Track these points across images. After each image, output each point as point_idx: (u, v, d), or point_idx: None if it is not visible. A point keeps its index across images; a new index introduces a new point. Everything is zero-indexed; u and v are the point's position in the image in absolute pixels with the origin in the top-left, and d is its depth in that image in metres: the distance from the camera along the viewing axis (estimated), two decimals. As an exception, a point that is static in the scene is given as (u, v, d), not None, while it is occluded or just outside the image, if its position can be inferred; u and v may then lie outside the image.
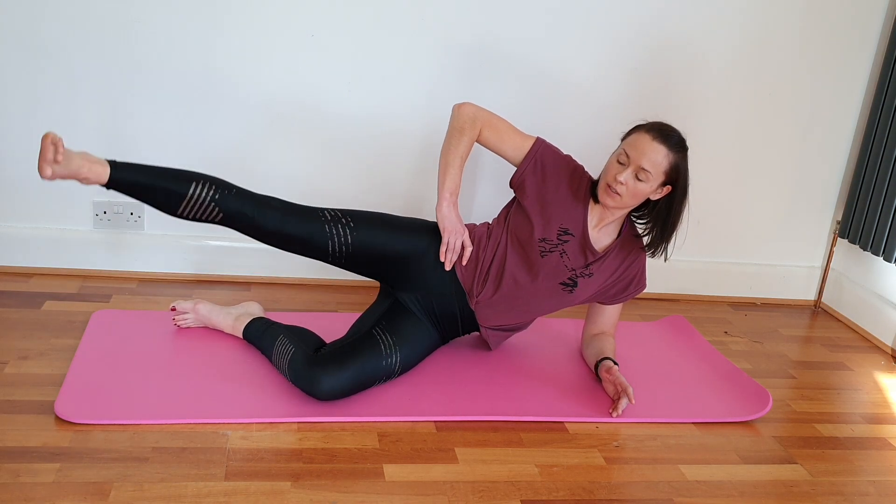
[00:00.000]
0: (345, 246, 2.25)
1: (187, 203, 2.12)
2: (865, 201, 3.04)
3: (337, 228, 2.25)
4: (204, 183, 2.14)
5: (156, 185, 2.11)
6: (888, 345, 2.96)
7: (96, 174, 2.04)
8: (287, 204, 2.25)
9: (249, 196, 2.20)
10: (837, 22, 3.00)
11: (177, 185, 2.11)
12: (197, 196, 2.12)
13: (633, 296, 2.43)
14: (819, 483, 2.07)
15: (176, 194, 2.11)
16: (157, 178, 2.12)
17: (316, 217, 2.25)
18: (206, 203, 2.13)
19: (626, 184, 2.16)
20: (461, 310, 2.34)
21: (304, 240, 2.24)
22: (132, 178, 2.09)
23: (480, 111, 2.29)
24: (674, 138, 2.19)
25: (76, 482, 1.75)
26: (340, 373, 2.09)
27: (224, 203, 2.15)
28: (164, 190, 2.11)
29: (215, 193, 2.14)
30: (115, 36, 2.63)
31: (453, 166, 2.25)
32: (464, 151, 2.26)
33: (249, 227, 2.21)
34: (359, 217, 2.30)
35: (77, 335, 2.38)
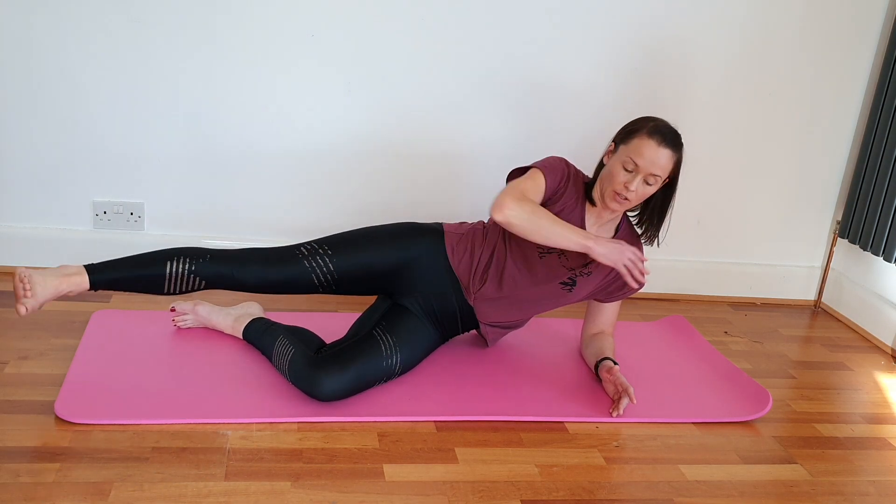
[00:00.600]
0: (329, 275, 2.26)
1: (169, 282, 2.17)
2: (865, 201, 3.04)
3: (316, 261, 2.25)
4: (178, 259, 2.17)
5: (135, 276, 2.16)
6: (888, 345, 2.96)
7: (77, 285, 2.10)
8: (263, 253, 2.26)
9: (225, 257, 2.22)
10: (837, 22, 3.00)
11: (154, 270, 2.16)
12: (175, 273, 2.17)
13: (631, 293, 2.43)
14: (819, 483, 2.07)
15: (156, 278, 2.17)
16: (134, 269, 2.17)
17: (293, 257, 2.25)
18: (186, 276, 2.18)
19: (637, 191, 2.17)
20: (460, 307, 2.34)
21: (288, 283, 2.26)
22: (112, 277, 2.15)
23: (509, 195, 2.17)
24: (675, 139, 2.20)
25: (76, 482, 1.75)
26: (341, 374, 2.10)
27: (202, 271, 2.19)
28: (143, 279, 2.17)
29: (191, 265, 2.18)
30: (115, 36, 2.63)
31: (564, 228, 2.16)
32: (550, 216, 2.17)
33: (234, 285, 2.24)
34: (337, 242, 2.29)
35: (77, 335, 2.38)
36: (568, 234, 2.16)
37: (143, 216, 2.83)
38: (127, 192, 2.81)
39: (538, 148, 2.92)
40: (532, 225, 2.15)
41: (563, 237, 2.16)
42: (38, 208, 2.77)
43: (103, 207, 2.81)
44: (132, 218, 2.83)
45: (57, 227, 2.80)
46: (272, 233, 2.87)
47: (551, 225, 2.15)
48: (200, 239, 2.87)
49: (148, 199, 2.82)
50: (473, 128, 2.91)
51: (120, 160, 2.76)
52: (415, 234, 2.34)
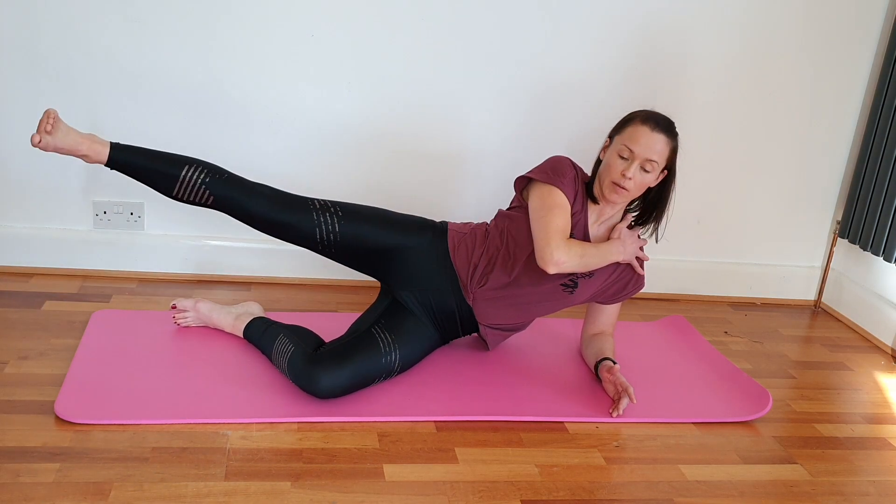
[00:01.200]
0: (332, 234, 2.27)
1: (180, 185, 2.21)
2: (865, 201, 3.04)
3: (325, 217, 2.27)
4: (196, 167, 2.22)
5: (152, 167, 2.22)
6: (888, 345, 2.96)
7: (96, 152, 2.17)
8: (277, 191, 2.29)
9: (240, 182, 2.26)
10: (837, 22, 3.00)
11: (171, 169, 2.21)
12: (189, 179, 2.20)
13: (631, 294, 2.43)
14: (819, 483, 2.07)
15: (170, 176, 2.21)
16: (154, 161, 2.23)
17: (305, 205, 2.28)
18: (197, 186, 2.21)
19: (634, 178, 2.17)
20: (459, 306, 2.33)
21: (291, 226, 2.27)
22: (130, 160, 2.21)
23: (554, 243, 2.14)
24: (669, 124, 2.22)
25: (76, 482, 1.75)
26: (339, 371, 2.10)
27: (214, 187, 2.22)
28: (159, 172, 2.22)
29: (206, 177, 2.21)
30: (115, 36, 2.63)
31: (599, 252, 2.24)
32: (593, 247, 2.24)
33: (239, 211, 2.26)
34: (349, 209, 2.32)
35: (77, 335, 2.38)
36: (607, 258, 2.26)
37: (143, 216, 2.83)
38: (127, 192, 2.81)
39: (538, 145, 2.92)
40: (583, 267, 2.23)
41: (605, 262, 2.26)
42: (38, 208, 2.77)
43: (103, 207, 2.81)
44: (132, 218, 2.83)
45: (57, 227, 2.80)
46: (272, 233, 2.87)
47: (597, 259, 2.24)
48: (200, 239, 2.87)
49: (148, 199, 2.82)
50: (473, 126, 2.91)
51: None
52: (421, 226, 2.36)
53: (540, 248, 2.16)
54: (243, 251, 2.90)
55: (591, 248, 2.23)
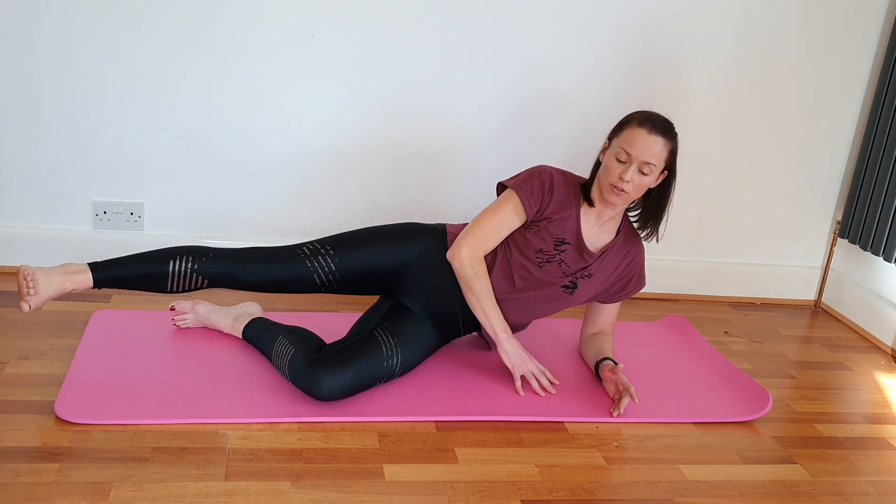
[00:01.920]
0: (331, 275, 2.27)
1: (172, 280, 2.19)
2: (865, 201, 3.04)
3: (318, 261, 2.26)
4: (180, 257, 2.19)
5: (138, 273, 2.18)
6: (888, 345, 2.96)
7: (80, 283, 2.13)
8: (265, 252, 2.27)
9: (227, 256, 2.24)
10: (837, 22, 3.00)
11: (157, 268, 2.18)
12: (178, 272, 2.18)
13: (632, 294, 2.43)
14: (819, 483, 2.07)
15: (159, 276, 2.18)
16: (137, 267, 2.18)
17: (295, 256, 2.26)
18: (189, 275, 2.19)
19: (632, 181, 2.17)
20: (461, 308, 2.33)
21: (290, 282, 2.27)
22: (115, 275, 2.17)
23: (468, 243, 2.23)
24: (667, 127, 2.21)
25: (76, 482, 1.75)
26: (341, 373, 2.09)
27: (205, 270, 2.20)
28: (147, 276, 2.18)
29: (194, 264, 2.19)
30: (113, 35, 2.63)
31: (491, 309, 2.27)
32: (488, 291, 2.26)
33: (236, 285, 2.26)
34: (339, 242, 2.30)
35: (77, 335, 2.38)
36: (489, 318, 2.27)
37: (143, 216, 2.83)
38: (127, 192, 2.81)
39: (536, 148, 2.93)
40: (466, 288, 2.26)
41: (484, 317, 2.27)
42: (38, 208, 2.77)
43: (103, 207, 2.81)
44: (132, 218, 2.83)
45: (57, 227, 2.80)
46: (272, 233, 2.87)
47: (479, 301, 2.26)
48: (200, 239, 2.87)
49: (148, 199, 2.83)
50: (473, 128, 2.91)
51: (120, 160, 2.76)
52: (417, 234, 2.35)
53: (458, 238, 2.26)
54: (243, 251, 2.90)
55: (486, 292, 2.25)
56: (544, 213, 2.25)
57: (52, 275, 2.08)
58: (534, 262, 2.27)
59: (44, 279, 2.07)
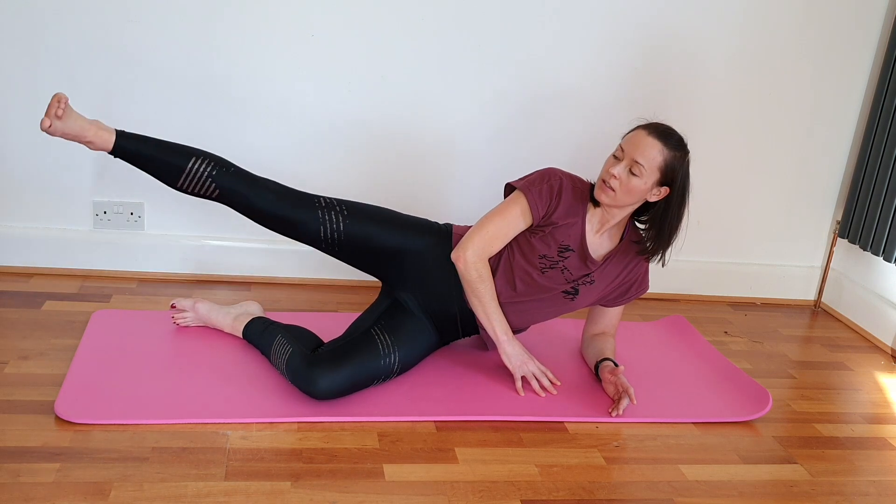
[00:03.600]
0: (336, 233, 2.27)
1: (186, 176, 2.19)
2: (865, 201, 3.04)
3: (330, 215, 2.26)
4: (203, 159, 2.20)
5: (158, 156, 2.19)
6: (888, 345, 2.96)
7: (102, 139, 2.14)
8: (283, 187, 2.29)
9: (246, 176, 2.25)
10: (837, 22, 3.00)
11: (177, 159, 2.19)
12: (195, 171, 2.18)
13: (634, 298, 2.42)
14: (819, 483, 2.07)
15: (175, 167, 2.19)
16: (159, 150, 2.20)
17: (310, 203, 2.27)
18: (204, 178, 2.19)
19: (620, 178, 2.15)
20: (460, 310, 2.33)
21: (296, 223, 2.27)
22: (136, 148, 2.18)
23: (474, 245, 2.22)
24: (672, 137, 2.18)
25: (76, 482, 1.75)
26: (337, 372, 2.09)
27: (220, 180, 2.21)
28: (165, 162, 2.19)
29: (213, 170, 2.20)
30: (115, 35, 2.63)
31: (494, 312, 2.26)
32: (492, 294, 2.26)
33: (244, 205, 2.26)
34: (355, 208, 2.31)
35: (77, 335, 2.38)
36: (492, 321, 2.26)
37: (143, 216, 2.83)
38: (127, 192, 2.81)
39: (539, 147, 2.93)
40: (469, 290, 2.25)
41: (486, 319, 2.27)
42: (38, 208, 2.77)
43: (103, 207, 2.81)
44: (132, 218, 2.83)
45: (57, 227, 2.80)
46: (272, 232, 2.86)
47: (482, 304, 2.25)
48: (200, 239, 2.87)
49: (148, 199, 2.83)
50: (474, 128, 2.91)
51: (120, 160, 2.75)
52: (426, 229, 2.36)
53: (463, 239, 2.24)
54: (243, 251, 2.90)
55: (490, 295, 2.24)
56: (551, 218, 2.24)
57: (80, 116, 2.11)
58: (536, 267, 2.27)
59: (72, 114, 2.09)
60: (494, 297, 2.26)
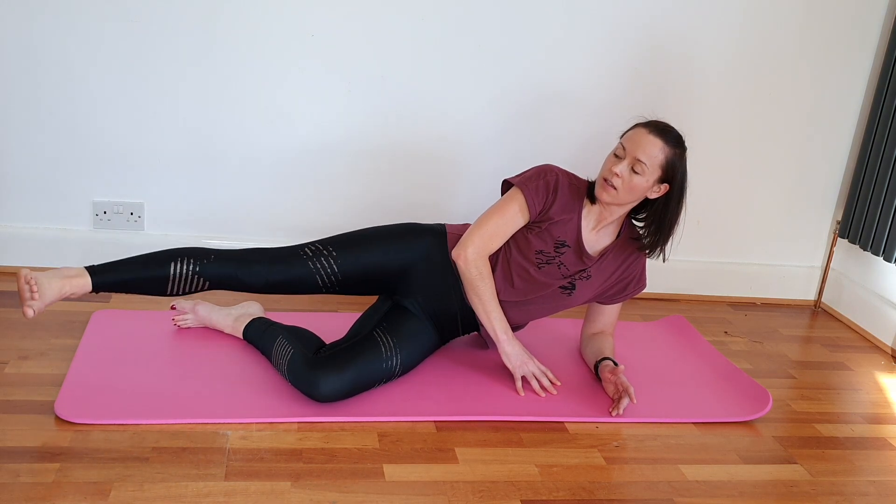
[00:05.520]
0: (333, 276, 2.27)
1: (172, 283, 2.18)
2: (865, 201, 3.04)
3: (320, 262, 2.26)
4: (182, 260, 2.18)
5: (138, 277, 2.16)
6: (888, 345, 2.96)
7: (80, 287, 2.11)
8: (268, 253, 2.27)
9: (229, 257, 2.23)
10: (837, 22, 3.00)
11: (158, 271, 2.16)
12: (179, 274, 2.17)
13: (632, 295, 2.42)
14: (819, 483, 2.07)
15: (160, 279, 2.17)
16: (137, 270, 2.16)
17: (297, 258, 2.26)
18: (190, 277, 2.18)
19: (622, 176, 2.16)
20: (460, 309, 2.33)
21: (293, 284, 2.27)
22: (114, 279, 2.15)
23: (474, 243, 2.23)
24: (671, 134, 2.19)
25: (76, 482, 1.75)
26: (340, 375, 2.09)
27: (206, 272, 2.19)
28: (147, 280, 2.17)
29: (195, 266, 2.18)
30: (114, 35, 2.63)
31: (494, 311, 2.27)
32: (492, 292, 2.26)
33: (238, 286, 2.25)
34: (341, 243, 2.30)
35: (77, 335, 2.38)
36: (492, 320, 2.26)
37: (143, 216, 2.83)
38: (127, 192, 2.81)
39: (537, 148, 2.93)
40: (470, 289, 2.25)
41: (486, 318, 2.27)
42: (38, 208, 2.77)
43: (103, 207, 2.81)
44: (132, 218, 2.83)
45: (57, 227, 2.80)
46: (272, 233, 2.87)
47: (482, 302, 2.25)
48: (200, 239, 2.87)
49: (148, 199, 2.83)
50: (474, 128, 2.91)
51: (120, 160, 2.76)
52: (417, 234, 2.34)
53: (463, 237, 2.24)
54: (243, 251, 2.90)
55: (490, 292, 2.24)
56: (547, 214, 2.25)
57: (52, 279, 2.07)
58: (533, 262, 2.27)
59: (45, 284, 2.05)
60: (494, 296, 2.26)
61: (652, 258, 2.34)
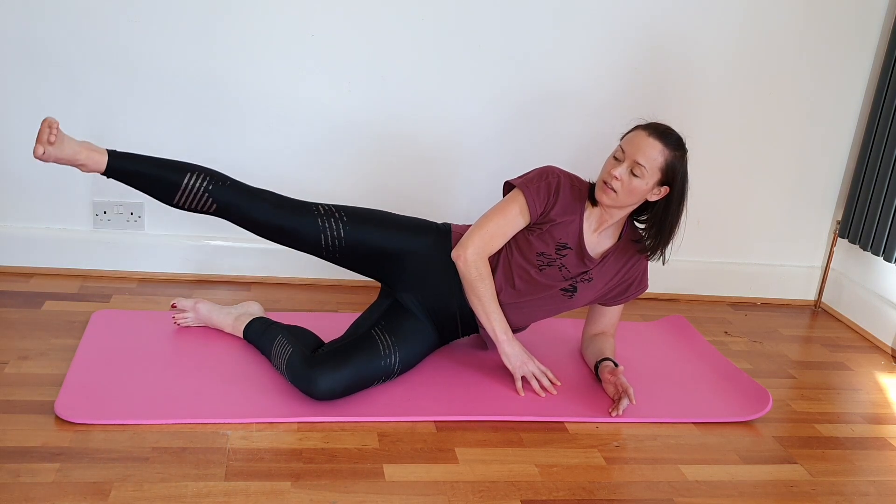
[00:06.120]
0: (337, 240, 2.26)
1: (182, 193, 2.17)
2: (865, 201, 3.04)
3: (330, 223, 2.26)
4: (199, 174, 2.18)
5: (152, 174, 2.17)
6: (888, 345, 2.96)
7: (94, 161, 2.11)
8: (281, 197, 2.28)
9: (243, 188, 2.23)
10: (837, 22, 3.00)
11: (172, 176, 2.17)
12: (191, 187, 2.16)
13: (634, 297, 2.42)
14: (819, 483, 2.07)
15: (171, 184, 2.16)
16: (154, 168, 2.17)
17: (309, 211, 2.26)
18: (200, 194, 2.17)
19: (622, 179, 2.16)
20: (460, 309, 2.33)
21: (296, 232, 2.26)
22: (129, 168, 2.15)
23: (474, 244, 2.23)
24: (671, 137, 2.18)
25: (76, 482, 1.75)
26: (338, 373, 2.09)
27: (217, 194, 2.19)
28: (160, 180, 2.17)
29: (209, 185, 2.18)
30: (114, 35, 2.63)
31: (494, 312, 2.26)
32: (492, 293, 2.26)
33: (243, 218, 2.24)
34: (354, 213, 2.31)
35: (77, 335, 2.38)
36: (491, 321, 2.26)
37: (143, 216, 2.83)
38: (127, 192, 2.78)
39: (537, 148, 2.92)
40: (470, 290, 2.25)
41: (486, 318, 2.26)
42: (38, 208, 2.77)
43: (103, 207, 2.81)
44: (132, 218, 2.83)
45: (57, 227, 2.80)
46: (272, 233, 2.87)
47: (482, 304, 2.25)
48: (200, 239, 2.87)
49: (148, 199, 2.81)
50: (474, 128, 2.91)
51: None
52: (426, 229, 2.36)
53: (463, 238, 2.24)
54: (243, 251, 2.90)
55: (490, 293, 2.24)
56: (549, 216, 2.25)
57: (71, 140, 2.08)
58: (534, 264, 2.27)
59: (64, 138, 2.06)
60: (494, 297, 2.26)
61: (652, 260, 2.34)
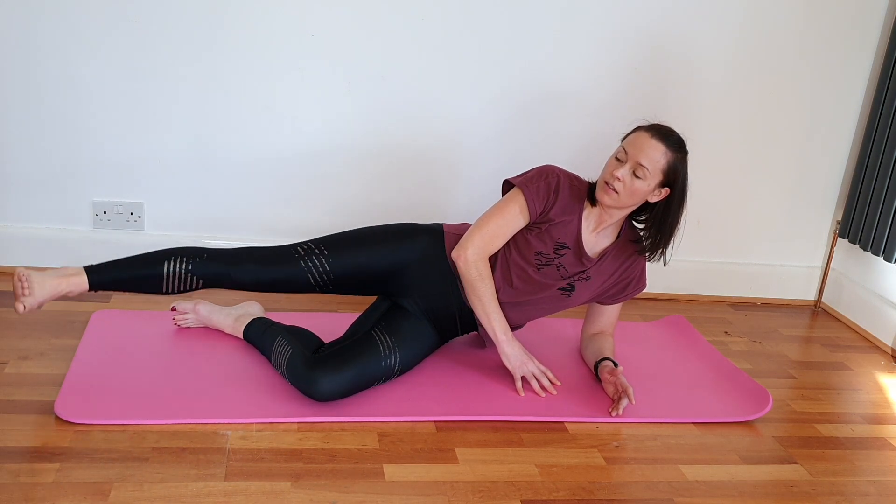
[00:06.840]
0: (325, 275, 2.27)
1: (167, 282, 2.19)
2: (865, 201, 3.04)
3: (312, 261, 2.26)
4: (175, 258, 2.19)
5: (133, 276, 2.18)
6: (888, 345, 2.96)
7: (76, 285, 2.13)
8: (260, 252, 2.28)
9: (221, 256, 2.24)
10: (837, 22, 3.00)
11: (151, 270, 2.18)
12: (173, 272, 2.18)
13: (632, 296, 2.42)
14: (819, 483, 2.07)
15: (154, 278, 2.18)
16: (132, 269, 2.19)
17: (289, 256, 2.26)
18: (184, 276, 2.19)
19: (624, 180, 2.16)
20: (459, 308, 2.33)
21: (287, 282, 2.27)
22: (111, 278, 2.17)
23: (474, 244, 2.23)
24: (673, 138, 2.18)
25: (76, 482, 1.75)
26: (339, 374, 2.09)
27: (199, 271, 2.20)
28: (143, 278, 2.19)
29: (188, 264, 2.19)
30: (114, 35, 2.63)
31: (493, 312, 2.26)
32: (491, 293, 2.26)
33: (230, 284, 2.26)
34: (334, 243, 2.30)
35: (77, 335, 2.38)
36: (491, 321, 2.26)
37: (143, 216, 2.83)
38: (127, 192, 2.81)
39: (537, 149, 2.93)
40: (469, 289, 2.25)
41: (486, 318, 2.26)
42: (38, 208, 2.77)
43: (103, 207, 2.81)
44: (132, 218, 2.83)
45: (57, 227, 2.80)
46: (271, 233, 2.87)
47: (482, 303, 2.25)
48: (200, 239, 2.87)
49: (148, 200, 2.83)
50: (474, 128, 2.91)
51: (120, 160, 2.76)
52: (413, 234, 2.34)
53: (463, 238, 2.24)
54: (243, 251, 2.90)
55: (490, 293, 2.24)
56: (548, 215, 2.25)
57: (47, 278, 2.09)
58: (532, 264, 2.27)
59: (39, 282, 2.07)
60: (494, 297, 2.26)
61: (652, 261, 2.34)
